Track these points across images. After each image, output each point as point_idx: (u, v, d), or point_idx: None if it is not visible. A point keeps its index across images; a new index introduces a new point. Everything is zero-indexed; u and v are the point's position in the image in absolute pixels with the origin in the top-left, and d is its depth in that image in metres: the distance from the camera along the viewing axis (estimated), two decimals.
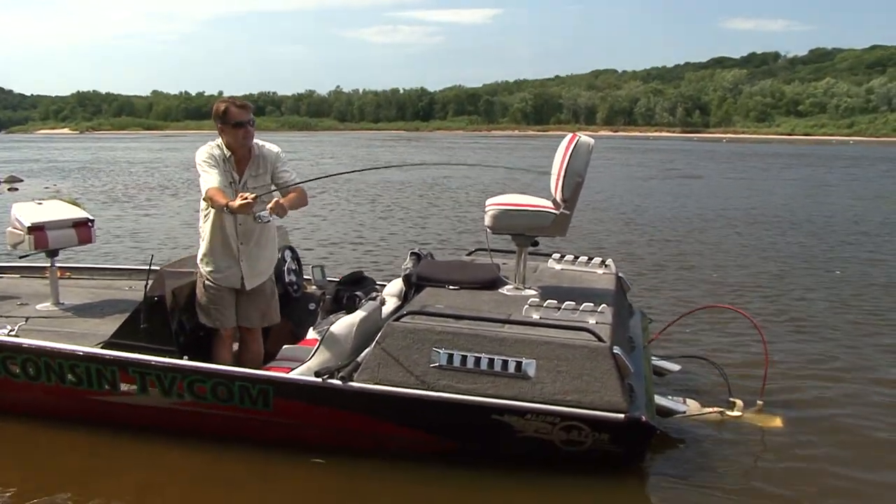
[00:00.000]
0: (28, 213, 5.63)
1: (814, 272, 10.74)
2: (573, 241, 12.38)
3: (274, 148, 4.87)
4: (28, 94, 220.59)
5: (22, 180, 26.11)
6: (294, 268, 5.85)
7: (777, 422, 5.24)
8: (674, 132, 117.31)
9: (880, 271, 10.76)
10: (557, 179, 4.82)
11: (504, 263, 5.50)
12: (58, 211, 5.87)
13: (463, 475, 4.40)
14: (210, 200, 4.57)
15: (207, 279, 4.85)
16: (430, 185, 24.39)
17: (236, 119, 4.65)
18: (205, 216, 4.82)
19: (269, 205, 4.52)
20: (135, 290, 5.96)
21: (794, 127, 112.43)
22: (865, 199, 21.03)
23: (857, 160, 43.73)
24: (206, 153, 4.68)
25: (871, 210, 18.38)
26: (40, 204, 5.93)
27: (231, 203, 4.43)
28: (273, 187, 4.74)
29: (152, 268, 4.97)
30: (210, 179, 4.59)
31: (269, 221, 4.71)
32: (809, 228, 15.23)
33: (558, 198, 4.85)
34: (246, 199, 4.38)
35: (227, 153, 4.71)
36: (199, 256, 4.88)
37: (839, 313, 8.34)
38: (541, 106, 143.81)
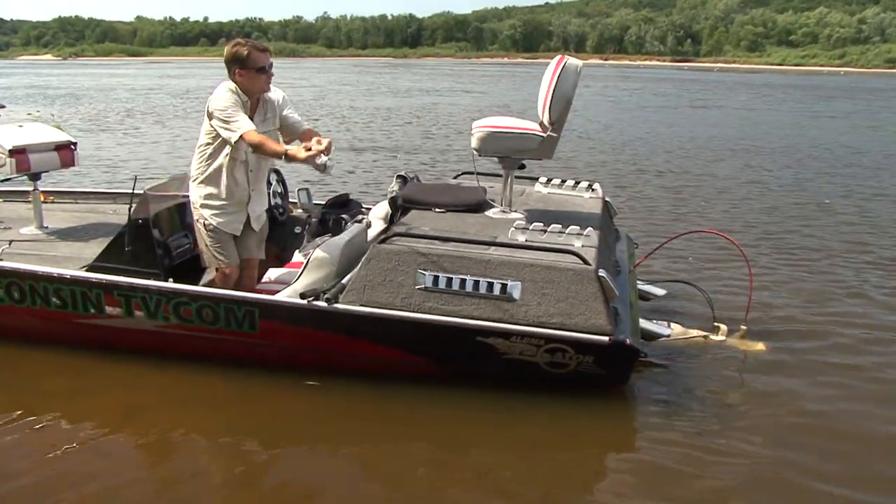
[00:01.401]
0: (9, 136, 5.52)
1: (804, 202, 10.75)
2: (562, 167, 12.38)
3: (278, 91, 4.73)
4: (8, 18, 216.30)
5: (4, 106, 25.67)
6: (279, 191, 5.79)
7: (760, 346, 5.29)
8: (664, 61, 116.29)
9: (871, 203, 10.75)
10: (545, 102, 4.77)
11: (491, 187, 5.47)
12: (40, 134, 5.76)
13: (450, 397, 4.45)
14: (259, 147, 4.36)
15: (210, 223, 4.68)
16: (419, 110, 24.16)
17: (260, 63, 4.48)
18: (209, 158, 4.60)
19: (325, 149, 4.30)
20: (119, 214, 5.91)
21: (786, 57, 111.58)
22: (858, 130, 20.97)
23: (849, 91, 43.47)
24: (230, 97, 4.43)
25: (863, 141, 18.34)
26: (21, 127, 5.82)
27: (292, 151, 4.28)
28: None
29: (136, 191, 4.91)
30: (245, 122, 4.38)
31: (331, 171, 4.48)
32: (800, 158, 15.24)
33: (545, 120, 4.79)
34: (310, 149, 4.23)
35: (245, 98, 4.50)
36: (201, 200, 4.67)
37: (827, 243, 8.38)
38: (530, 33, 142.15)
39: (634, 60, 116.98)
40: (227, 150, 4.54)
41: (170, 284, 4.61)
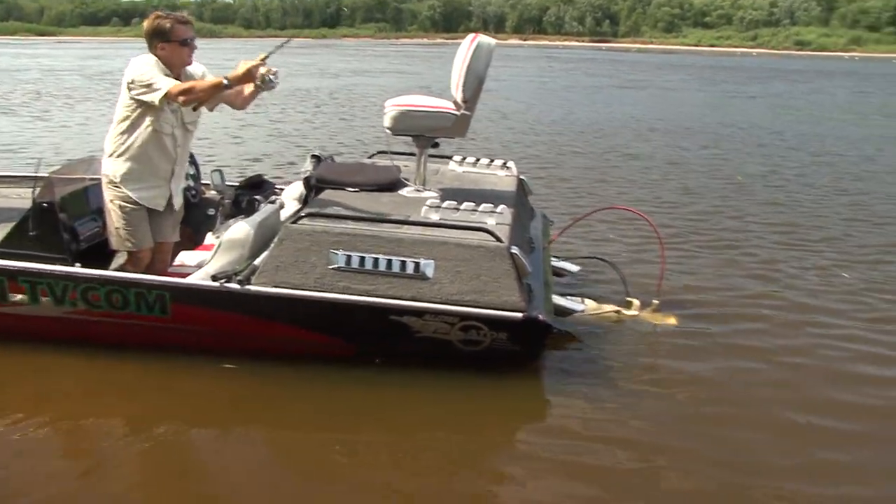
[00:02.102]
0: None
1: (719, 181, 10.97)
2: (478, 146, 12.45)
3: (199, 65, 4.61)
4: None
5: None
6: (192, 172, 5.68)
7: (672, 320, 5.41)
8: (583, 41, 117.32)
9: (785, 183, 10.99)
10: (458, 80, 4.78)
11: (405, 166, 5.46)
12: None
13: (365, 377, 4.45)
14: (191, 92, 4.22)
15: (127, 201, 4.53)
16: (338, 91, 23.92)
17: (183, 36, 4.37)
18: (128, 132, 4.44)
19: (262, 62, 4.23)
20: (23, 198, 5.71)
21: (701, 38, 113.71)
22: (773, 111, 21.47)
23: (759, 72, 44.47)
24: (151, 63, 4.32)
25: (778, 122, 18.73)
26: None
27: (231, 74, 4.19)
28: None
29: (40, 174, 4.76)
30: (168, 81, 4.26)
31: (276, 85, 4.36)
32: (716, 137, 15.51)
33: (459, 98, 4.81)
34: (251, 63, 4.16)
35: (167, 72, 4.36)
36: (119, 175, 4.50)
37: (740, 221, 8.58)
38: (450, 13, 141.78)
39: (553, 41, 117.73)
40: (149, 121, 4.41)
41: (77, 269, 4.48)
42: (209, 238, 5.10)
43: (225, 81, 4.21)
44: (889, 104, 24.99)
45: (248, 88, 4.52)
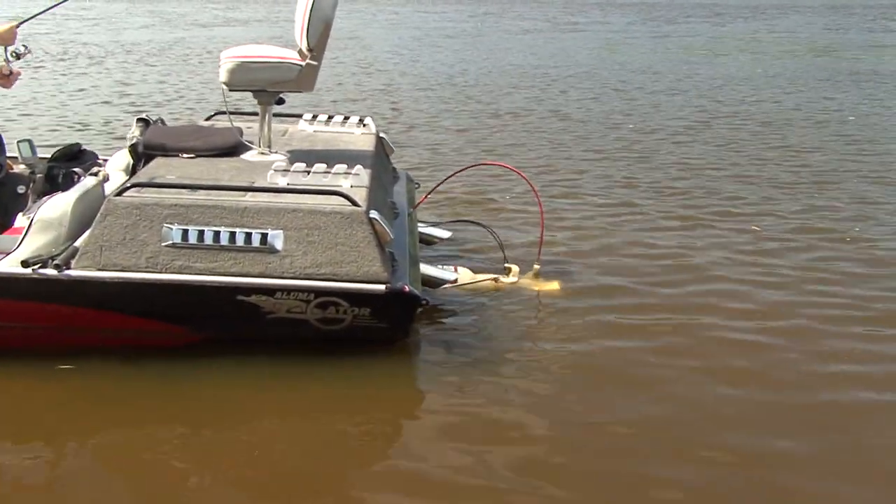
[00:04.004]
0: None
1: (603, 134, 10.38)
2: (332, 102, 11.84)
3: None
4: None
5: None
6: None
7: (554, 286, 5.11)
8: None
9: (672, 136, 10.40)
10: (302, 26, 4.31)
11: (249, 128, 4.94)
12: None
13: (215, 368, 3.98)
14: None
15: None
16: (171, 45, 21.90)
17: None
18: None
19: None
20: None
21: None
22: (669, 54, 20.75)
23: (647, 7, 44.81)
24: None
25: (670, 65, 18.09)
26: None
27: None
28: None
29: None
30: None
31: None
32: (603, 85, 14.79)
33: (304, 47, 4.33)
34: None
35: None
36: None
37: (624, 176, 8.15)
38: None
39: None
40: None
41: None
42: (19, 220, 4.43)
43: None
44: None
45: None
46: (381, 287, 3.80)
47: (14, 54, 3.88)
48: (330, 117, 5.40)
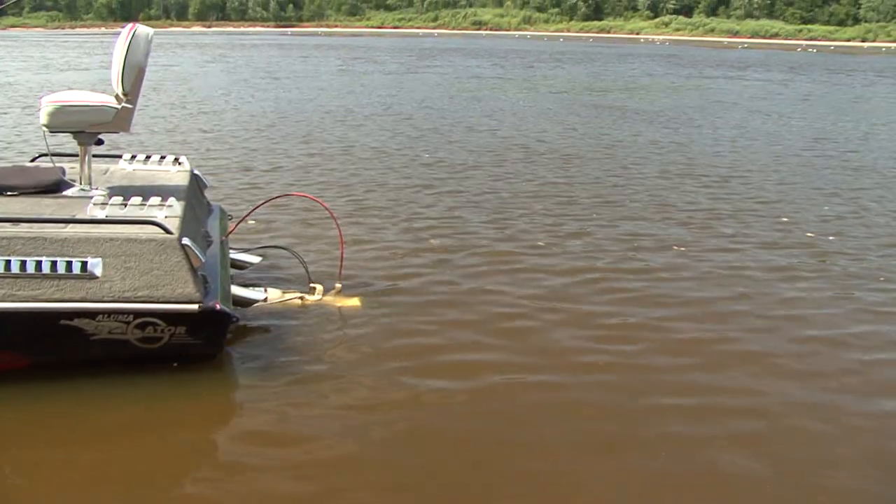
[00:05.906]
0: None
1: (401, 159, 11.41)
2: (152, 143, 12.06)
3: None
4: None
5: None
6: None
7: (355, 301, 5.60)
8: (269, 26, 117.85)
9: (449, 156, 11.66)
10: (118, 72, 4.63)
11: (72, 167, 5.19)
12: None
13: (37, 390, 4.21)
14: None
15: None
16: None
17: None
18: None
19: None
20: None
21: (384, 20, 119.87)
22: (452, 87, 22.28)
23: (445, 52, 46.20)
24: None
25: (456, 101, 19.47)
26: None
27: None
28: None
29: None
30: None
31: None
32: (399, 119, 15.98)
33: (119, 91, 4.66)
34: None
35: None
36: None
37: (416, 195, 9.03)
38: (128, 2, 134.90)
39: (239, 27, 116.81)
40: None
41: None
42: None
43: None
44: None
45: None
46: (195, 306, 4.19)
47: None
48: (148, 157, 5.68)
